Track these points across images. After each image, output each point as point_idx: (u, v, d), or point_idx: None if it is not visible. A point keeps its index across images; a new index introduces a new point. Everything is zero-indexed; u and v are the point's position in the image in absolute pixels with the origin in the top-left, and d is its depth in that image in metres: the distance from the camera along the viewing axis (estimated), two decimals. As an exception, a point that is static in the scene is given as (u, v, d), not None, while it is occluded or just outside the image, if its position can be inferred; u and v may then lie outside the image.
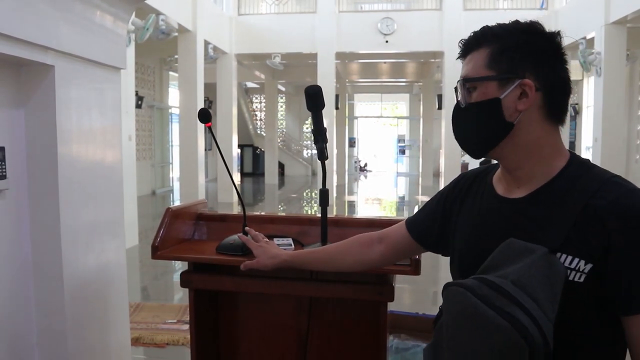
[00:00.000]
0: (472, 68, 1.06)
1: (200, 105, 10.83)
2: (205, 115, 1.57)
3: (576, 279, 0.94)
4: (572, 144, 16.08)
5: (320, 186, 1.70)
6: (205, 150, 16.70)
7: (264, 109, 18.61)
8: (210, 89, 14.22)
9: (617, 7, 9.14)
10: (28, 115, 1.77)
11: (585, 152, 12.37)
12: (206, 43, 10.84)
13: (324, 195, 1.69)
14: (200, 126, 10.84)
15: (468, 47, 1.09)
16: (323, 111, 1.53)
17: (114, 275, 2.20)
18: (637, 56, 13.35)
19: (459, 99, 1.09)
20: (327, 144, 1.62)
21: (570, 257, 0.94)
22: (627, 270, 0.92)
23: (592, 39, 9.86)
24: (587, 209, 0.95)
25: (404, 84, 20.61)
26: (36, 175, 1.79)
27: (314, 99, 1.59)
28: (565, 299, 0.92)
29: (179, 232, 1.87)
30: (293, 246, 1.70)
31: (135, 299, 4.94)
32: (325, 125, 1.63)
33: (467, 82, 1.06)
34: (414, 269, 1.48)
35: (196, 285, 1.74)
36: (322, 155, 1.63)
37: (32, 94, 1.77)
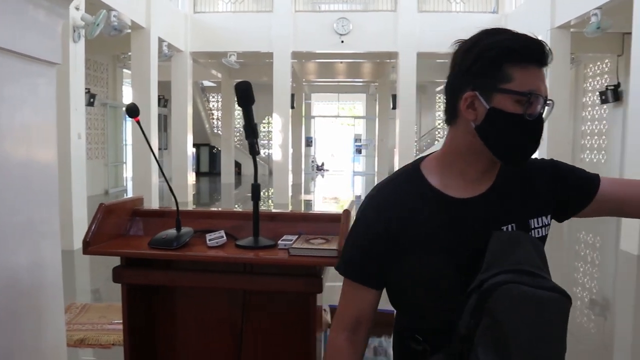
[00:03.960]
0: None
1: (155, 103, 10.69)
2: (132, 110, 1.58)
3: (543, 234, 1.16)
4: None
5: (275, 184, 1.73)
6: (160, 149, 16.52)
7: (221, 108, 18.44)
8: (165, 88, 14.03)
9: (562, 13, 9.49)
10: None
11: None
12: (160, 40, 10.70)
13: (256, 190, 1.73)
14: (154, 124, 10.70)
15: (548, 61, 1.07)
16: (279, 110, 1.55)
17: (47, 275, 2.16)
18: (581, 60, 13.87)
19: (539, 110, 1.04)
20: (258, 139, 1.65)
21: (535, 220, 1.15)
22: (571, 174, 1.20)
23: (539, 42, 10.19)
24: (530, 180, 1.17)
25: (360, 84, 20.82)
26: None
27: (244, 94, 1.61)
28: None
29: (114, 228, 1.87)
30: (225, 238, 1.73)
31: (85, 300, 4.85)
32: (256, 121, 1.65)
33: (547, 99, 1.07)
34: (340, 260, 1.52)
35: (128, 280, 1.75)
36: (253, 151, 1.66)
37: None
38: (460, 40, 1.11)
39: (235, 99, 1.70)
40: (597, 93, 12.95)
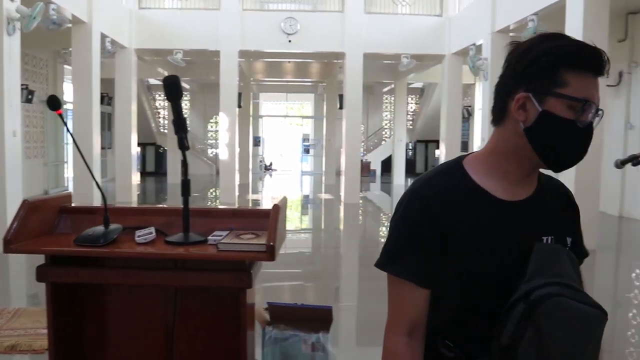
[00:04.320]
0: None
1: (97, 101, 10.40)
2: (54, 102, 1.54)
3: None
4: (465, 144, 17.02)
5: (221, 183, 1.72)
6: (104, 148, 16.08)
7: (168, 106, 18.11)
8: (109, 85, 13.66)
9: (501, 18, 9.82)
10: None
11: (476, 149, 13.14)
12: (103, 36, 10.40)
13: (185, 185, 1.72)
14: (97, 122, 10.41)
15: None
16: (226, 109, 1.54)
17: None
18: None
19: (590, 119, 1.06)
20: (187, 134, 1.64)
21: (569, 238, 1.17)
22: (579, 228, 1.23)
23: (481, 45, 10.51)
24: (566, 197, 1.22)
25: (309, 83, 20.87)
26: None
27: (172, 88, 1.60)
28: None
29: (39, 226, 1.81)
30: (154, 235, 1.71)
31: (20, 304, 4.66)
32: (185, 116, 1.64)
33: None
34: (269, 254, 1.54)
35: (53, 279, 1.70)
36: (182, 145, 1.65)
37: None
38: (515, 41, 1.11)
39: (166, 95, 1.68)
40: (536, 96, 13.42)
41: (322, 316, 2.98)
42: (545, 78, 1.03)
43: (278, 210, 1.60)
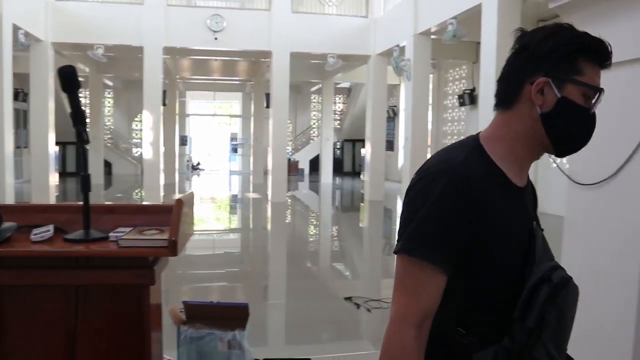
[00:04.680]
0: None
1: (9, 97, 9.83)
2: None
3: None
4: (391, 143, 17.44)
5: (146, 183, 1.67)
6: (19, 147, 15.23)
7: (89, 104, 17.40)
8: (24, 80, 12.96)
9: (423, 20, 10.13)
10: None
11: (401, 150, 13.47)
12: (15, 28, 9.84)
13: (85, 180, 1.66)
14: (9, 120, 9.85)
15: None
16: (150, 107, 1.49)
17: None
18: (442, 65, 14.90)
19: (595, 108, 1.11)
20: (87, 128, 1.59)
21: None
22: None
23: (404, 47, 10.79)
24: (532, 185, 1.24)
25: (237, 82, 20.68)
26: None
27: (68, 79, 1.55)
28: None
29: None
30: (51, 232, 1.64)
31: None
32: (82, 107, 1.59)
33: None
34: (171, 250, 1.51)
35: (-61, 280, 1.60)
36: (81, 139, 1.60)
37: None
38: (522, 28, 1.14)
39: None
40: (456, 96, 13.98)
41: (238, 313, 2.97)
42: (564, 65, 1.07)
43: (181, 204, 1.58)
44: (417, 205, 1.07)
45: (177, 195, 11.16)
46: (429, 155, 12.04)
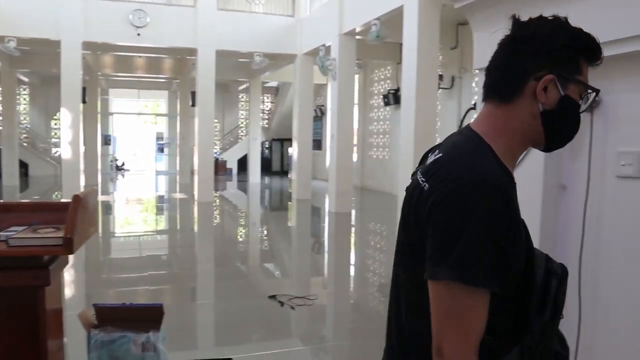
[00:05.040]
0: None
1: None
2: None
3: None
4: (319, 142, 17.58)
5: (64, 185, 1.56)
6: None
7: (1, 100, 16.43)
8: None
9: (348, 21, 10.28)
10: None
11: (329, 149, 13.60)
12: None
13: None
14: None
15: None
16: (68, 105, 1.39)
17: None
18: (367, 65, 15.18)
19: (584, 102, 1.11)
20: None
21: None
22: None
23: (330, 46, 10.90)
24: None
25: (162, 80, 20.18)
26: None
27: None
28: None
29: None
30: None
31: None
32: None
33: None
34: (66, 248, 1.45)
35: None
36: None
37: None
38: (516, 14, 1.08)
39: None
40: (382, 96, 14.27)
41: (152, 315, 2.89)
42: (569, 64, 1.06)
43: (78, 200, 1.52)
44: (458, 224, 0.96)
45: (100, 197, 10.69)
46: (355, 155, 12.50)
